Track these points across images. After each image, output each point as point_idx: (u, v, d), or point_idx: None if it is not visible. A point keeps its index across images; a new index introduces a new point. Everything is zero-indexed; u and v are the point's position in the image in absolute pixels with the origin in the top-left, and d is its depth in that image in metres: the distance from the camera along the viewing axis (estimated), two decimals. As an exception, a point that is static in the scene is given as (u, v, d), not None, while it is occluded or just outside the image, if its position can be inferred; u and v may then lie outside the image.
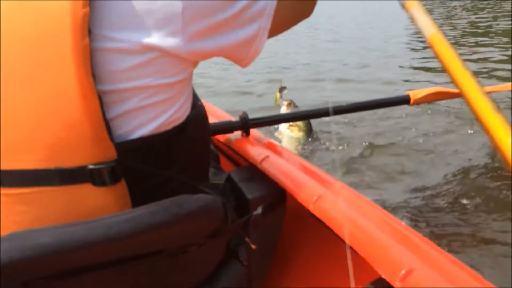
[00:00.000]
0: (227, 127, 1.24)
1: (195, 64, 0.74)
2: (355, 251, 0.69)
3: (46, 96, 0.62)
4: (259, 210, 0.88)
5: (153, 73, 0.67)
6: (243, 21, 0.73)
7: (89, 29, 0.61)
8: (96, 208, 0.67)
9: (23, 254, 0.59)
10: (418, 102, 1.66)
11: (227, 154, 1.34)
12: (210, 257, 0.81)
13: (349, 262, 0.64)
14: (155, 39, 0.65)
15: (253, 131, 1.25)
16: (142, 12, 0.64)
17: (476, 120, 0.36)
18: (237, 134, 1.24)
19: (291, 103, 2.43)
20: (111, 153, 0.65)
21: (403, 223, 0.74)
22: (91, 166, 0.64)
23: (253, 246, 0.85)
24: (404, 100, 1.63)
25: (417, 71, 4.79)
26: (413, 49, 6.32)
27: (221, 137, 1.28)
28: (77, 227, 0.63)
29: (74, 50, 0.60)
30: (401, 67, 5.03)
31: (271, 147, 1.12)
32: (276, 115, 1.38)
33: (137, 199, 0.69)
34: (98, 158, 0.65)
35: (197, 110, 0.81)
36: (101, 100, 0.63)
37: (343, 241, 0.71)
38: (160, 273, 0.73)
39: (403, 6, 0.48)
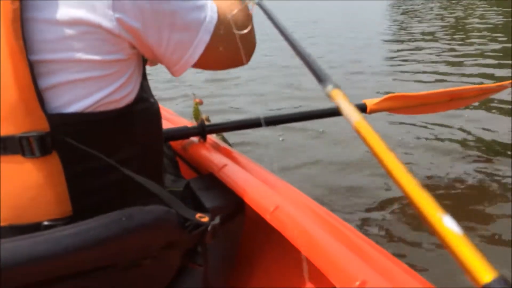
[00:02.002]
0: (184, 133, 1.22)
1: (132, 46, 0.73)
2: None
3: None
4: (217, 220, 0.87)
5: (84, 47, 0.67)
6: (178, 25, 0.73)
7: None
8: (28, 182, 0.66)
9: None
10: (375, 110, 1.53)
11: (187, 160, 1.33)
12: (166, 269, 0.80)
13: (305, 274, 0.64)
14: (83, 12, 0.65)
15: (210, 137, 1.24)
16: None
17: (407, 199, 0.39)
18: (194, 140, 1.23)
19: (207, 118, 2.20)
20: (43, 125, 0.65)
21: (359, 232, 0.75)
22: (20, 135, 0.64)
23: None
24: (361, 109, 1.51)
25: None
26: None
27: (178, 143, 1.26)
28: (20, 242, 0.60)
29: (4, 13, 0.62)
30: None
31: (228, 154, 1.11)
32: (233, 122, 1.36)
33: (75, 182, 0.68)
34: (29, 128, 0.65)
35: (148, 105, 0.80)
36: (32, 69, 0.63)
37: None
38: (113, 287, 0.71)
39: (328, 95, 0.52)
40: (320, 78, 0.55)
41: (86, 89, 0.68)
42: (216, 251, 0.93)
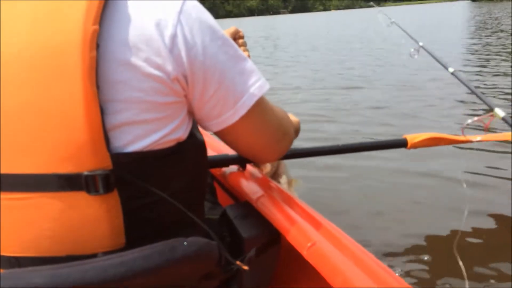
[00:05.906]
0: (224, 161, 1.24)
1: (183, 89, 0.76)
2: None
3: (50, 102, 0.66)
4: (253, 252, 0.88)
5: (147, 88, 0.69)
6: (226, 84, 0.77)
7: (97, 43, 0.65)
8: (88, 217, 0.69)
9: None
10: (416, 146, 1.57)
11: (225, 187, 1.35)
12: None
13: None
14: (150, 54, 0.69)
15: (249, 166, 1.26)
16: (146, 37, 0.69)
17: None
18: (234, 168, 1.25)
19: None
20: (107, 163, 0.68)
21: (396, 274, 0.75)
22: (86, 173, 0.67)
23: None
24: (401, 144, 1.55)
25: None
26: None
27: (217, 171, 1.28)
28: (71, 268, 0.63)
29: (82, 61, 0.65)
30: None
31: (267, 184, 1.12)
32: None
33: (131, 216, 0.71)
34: (94, 166, 0.67)
35: (195, 139, 0.83)
36: (102, 110, 0.66)
37: None
38: None
39: None
40: None
41: (146, 129, 0.71)
42: (250, 281, 0.95)
